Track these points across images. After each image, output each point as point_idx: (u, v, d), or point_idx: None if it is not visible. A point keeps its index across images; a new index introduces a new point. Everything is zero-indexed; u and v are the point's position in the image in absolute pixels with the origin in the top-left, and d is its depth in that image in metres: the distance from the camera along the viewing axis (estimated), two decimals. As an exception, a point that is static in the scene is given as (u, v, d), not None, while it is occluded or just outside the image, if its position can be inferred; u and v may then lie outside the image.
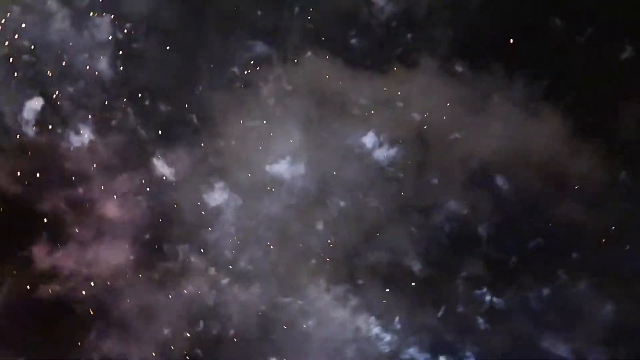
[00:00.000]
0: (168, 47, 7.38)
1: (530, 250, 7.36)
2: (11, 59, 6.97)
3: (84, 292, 7.15)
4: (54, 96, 7.13)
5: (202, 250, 7.36)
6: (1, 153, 7.10)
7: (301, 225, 7.42)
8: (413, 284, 7.38)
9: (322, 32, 7.58)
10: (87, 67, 7.21)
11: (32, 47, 7.07)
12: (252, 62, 7.55)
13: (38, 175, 7.13)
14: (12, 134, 7.12)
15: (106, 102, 7.29)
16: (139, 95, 7.35)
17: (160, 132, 7.42)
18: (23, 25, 7.06)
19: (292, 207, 7.43)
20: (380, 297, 7.38)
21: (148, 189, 7.45)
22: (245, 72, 7.52)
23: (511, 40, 7.49)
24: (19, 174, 7.09)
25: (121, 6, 7.24)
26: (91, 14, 7.13)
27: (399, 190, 7.46)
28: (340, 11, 7.56)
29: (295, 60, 7.57)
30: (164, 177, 7.45)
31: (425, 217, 7.40)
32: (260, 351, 7.24)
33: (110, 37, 7.26)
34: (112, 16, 7.22)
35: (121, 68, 7.27)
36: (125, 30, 7.26)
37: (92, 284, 7.14)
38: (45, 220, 7.19)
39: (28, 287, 7.07)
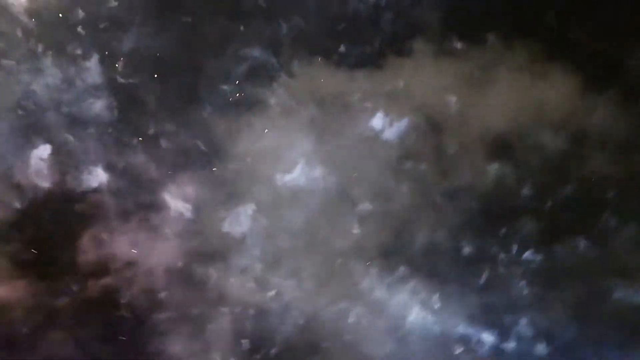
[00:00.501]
0: (157, 76, 7.25)
1: (567, 204, 7.16)
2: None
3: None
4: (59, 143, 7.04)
5: (236, 274, 7.15)
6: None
7: (331, 227, 7.23)
8: (456, 262, 7.21)
9: (313, 35, 7.46)
10: (87, 109, 7.10)
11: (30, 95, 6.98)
12: (247, 77, 7.42)
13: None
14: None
15: (111, 142, 7.16)
16: (142, 129, 7.21)
17: (169, 164, 7.24)
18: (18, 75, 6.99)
19: (319, 211, 7.24)
20: (425, 282, 7.19)
21: (167, 228, 7.21)
22: (241, 91, 7.42)
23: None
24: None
25: (110, 45, 7.16)
26: (81, 56, 7.05)
27: (421, 172, 7.29)
28: (328, 10, 7.46)
29: (291, 68, 7.46)
30: (182, 214, 7.25)
31: (452, 193, 7.25)
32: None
33: (103, 77, 7.14)
34: (102, 56, 7.12)
35: (120, 106, 7.15)
36: (117, 67, 7.15)
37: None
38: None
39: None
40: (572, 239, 7.11)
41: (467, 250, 7.19)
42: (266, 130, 7.33)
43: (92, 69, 7.00)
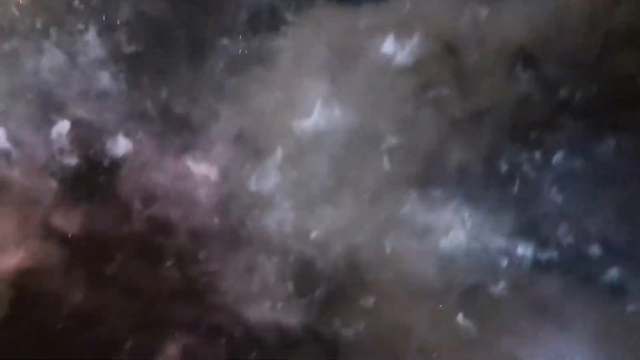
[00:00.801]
0: (160, 40, 7.17)
1: (599, 103, 6.84)
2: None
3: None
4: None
5: (272, 225, 7.11)
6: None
7: (360, 164, 7.09)
8: (492, 178, 6.99)
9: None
10: (96, 81, 7.07)
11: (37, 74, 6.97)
12: (251, 29, 7.28)
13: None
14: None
15: (126, 111, 7.12)
16: (155, 95, 7.15)
17: (187, 127, 7.17)
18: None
19: (345, 151, 7.10)
20: (463, 202, 7.00)
21: (196, 191, 7.18)
22: (247, 43, 7.27)
23: None
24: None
25: (109, 15, 7.09)
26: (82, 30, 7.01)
27: (442, 94, 7.04)
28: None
29: (294, 14, 7.29)
30: (208, 177, 7.20)
31: (479, 110, 6.98)
32: (359, 294, 6.95)
33: (106, 48, 7.08)
34: (102, 28, 7.07)
35: (127, 74, 7.09)
36: (116, 38, 7.07)
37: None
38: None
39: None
40: (609, 138, 6.81)
41: (502, 165, 6.97)
42: (283, 81, 7.20)
43: (94, 42, 6.95)
